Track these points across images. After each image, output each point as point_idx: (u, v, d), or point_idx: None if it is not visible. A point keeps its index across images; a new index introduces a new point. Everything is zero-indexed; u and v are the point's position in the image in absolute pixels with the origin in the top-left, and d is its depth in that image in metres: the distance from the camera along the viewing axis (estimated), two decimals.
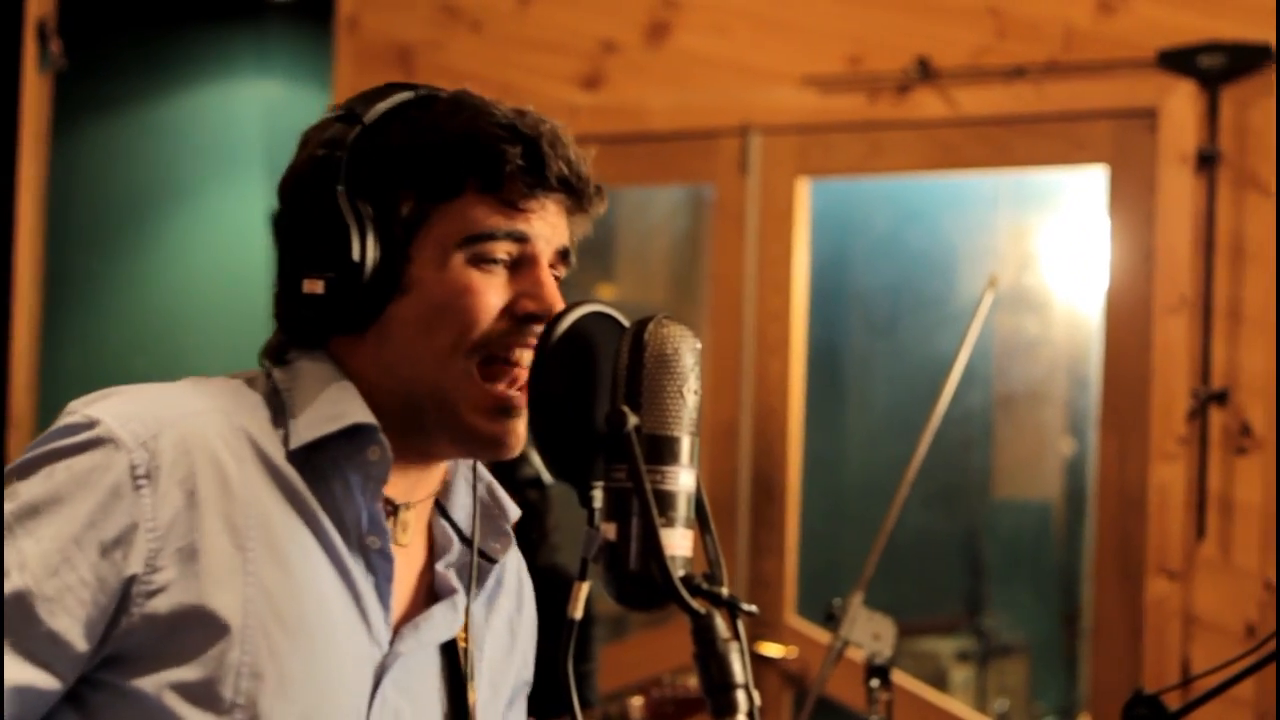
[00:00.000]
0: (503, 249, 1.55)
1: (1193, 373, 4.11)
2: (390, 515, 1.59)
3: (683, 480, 1.41)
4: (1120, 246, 4.28)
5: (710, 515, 1.45)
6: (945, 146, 4.46)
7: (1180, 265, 4.14)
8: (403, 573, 1.61)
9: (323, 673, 1.51)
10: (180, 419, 1.49)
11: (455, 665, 1.64)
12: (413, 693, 1.60)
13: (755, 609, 1.40)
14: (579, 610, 1.45)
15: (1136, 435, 4.20)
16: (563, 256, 1.59)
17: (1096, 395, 4.36)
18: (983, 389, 5.64)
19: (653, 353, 1.43)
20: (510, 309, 1.55)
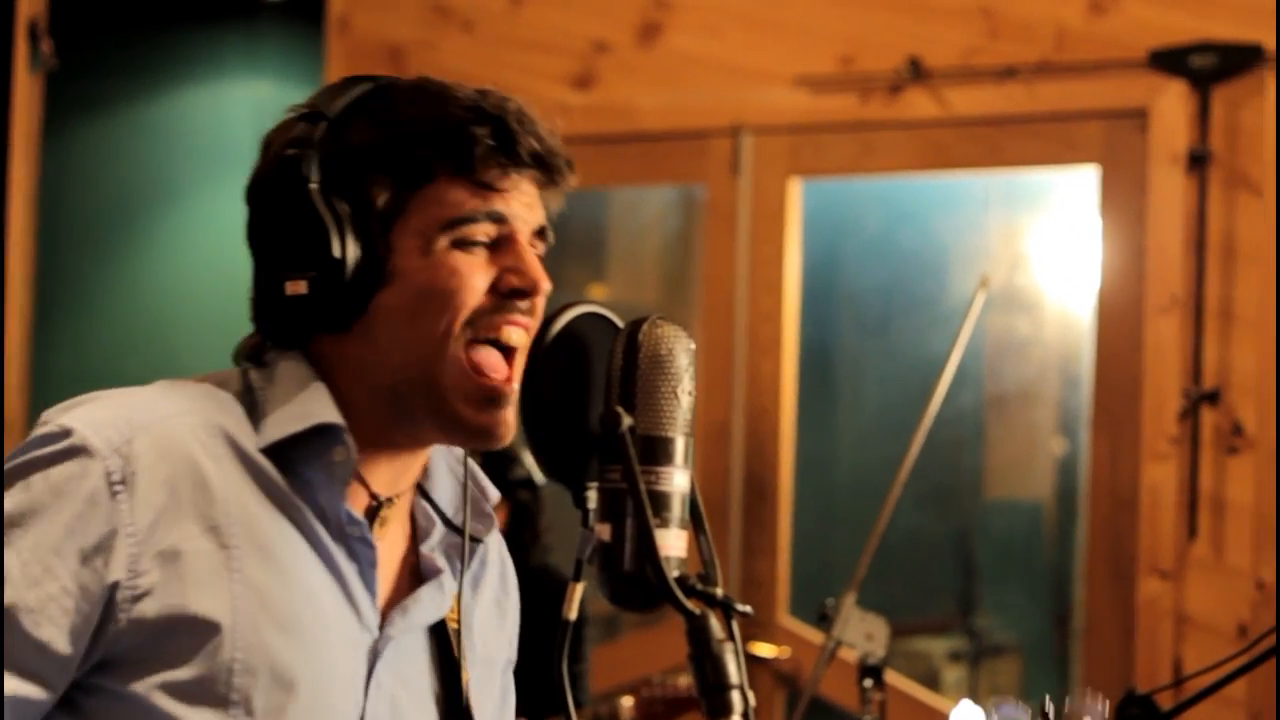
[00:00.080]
0: (483, 230, 1.55)
1: (1184, 372, 4.12)
2: (374, 510, 1.59)
3: (677, 481, 1.41)
4: (1111, 246, 4.28)
5: (705, 516, 1.45)
6: (937, 146, 4.46)
7: (1171, 265, 4.14)
8: (387, 558, 1.61)
9: (316, 663, 1.51)
10: (154, 422, 1.49)
11: (445, 646, 1.64)
12: (405, 676, 1.60)
13: (750, 610, 1.40)
14: (574, 611, 1.45)
15: (1128, 435, 4.20)
16: (540, 233, 1.59)
17: (1088, 395, 4.37)
18: (974, 389, 5.64)
19: (647, 353, 1.43)
20: (495, 287, 1.55)
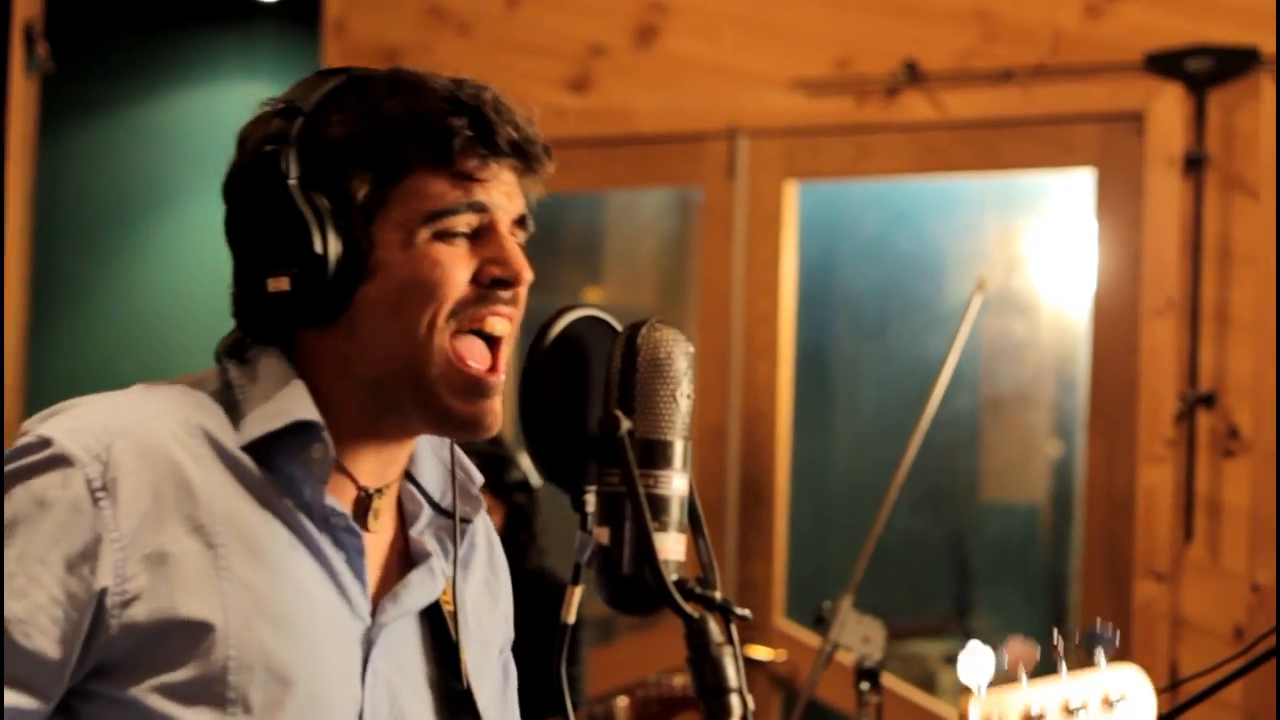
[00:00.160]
0: (464, 221, 1.54)
1: (1180, 375, 4.12)
2: (364, 501, 1.59)
3: (676, 484, 1.41)
4: (1107, 249, 4.28)
5: (703, 519, 1.45)
6: (933, 149, 4.46)
7: (1167, 268, 4.15)
8: (376, 545, 1.61)
9: (311, 656, 1.51)
10: (133, 426, 1.49)
11: (441, 630, 1.64)
12: (401, 662, 1.60)
13: (749, 613, 1.40)
14: (572, 615, 1.45)
15: (1124, 438, 4.20)
16: (520, 221, 1.59)
17: (1084, 398, 4.37)
18: (970, 392, 5.64)
19: (645, 357, 1.43)
20: (477, 278, 1.55)
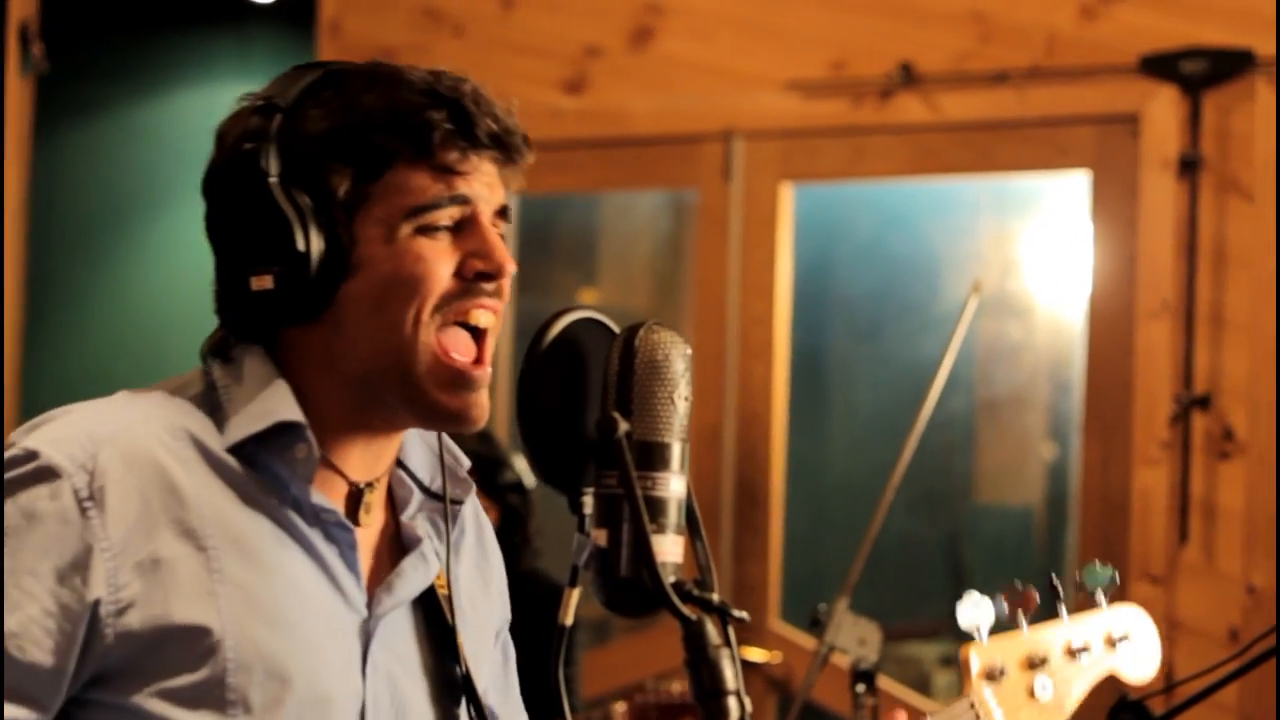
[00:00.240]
0: (446, 215, 1.54)
1: (1175, 377, 4.12)
2: (355, 496, 1.59)
3: (673, 486, 1.41)
4: (1103, 251, 4.29)
5: (701, 521, 1.45)
6: (928, 151, 4.46)
7: (1162, 270, 4.15)
8: (367, 535, 1.61)
9: (308, 653, 1.51)
10: (117, 433, 1.49)
11: (436, 616, 1.64)
12: (399, 652, 1.60)
13: (746, 615, 1.40)
14: (570, 617, 1.45)
15: (1119, 440, 4.20)
16: (501, 213, 1.59)
17: (1079, 400, 4.37)
18: (966, 394, 5.64)
19: (643, 359, 1.43)
20: (460, 271, 1.55)
